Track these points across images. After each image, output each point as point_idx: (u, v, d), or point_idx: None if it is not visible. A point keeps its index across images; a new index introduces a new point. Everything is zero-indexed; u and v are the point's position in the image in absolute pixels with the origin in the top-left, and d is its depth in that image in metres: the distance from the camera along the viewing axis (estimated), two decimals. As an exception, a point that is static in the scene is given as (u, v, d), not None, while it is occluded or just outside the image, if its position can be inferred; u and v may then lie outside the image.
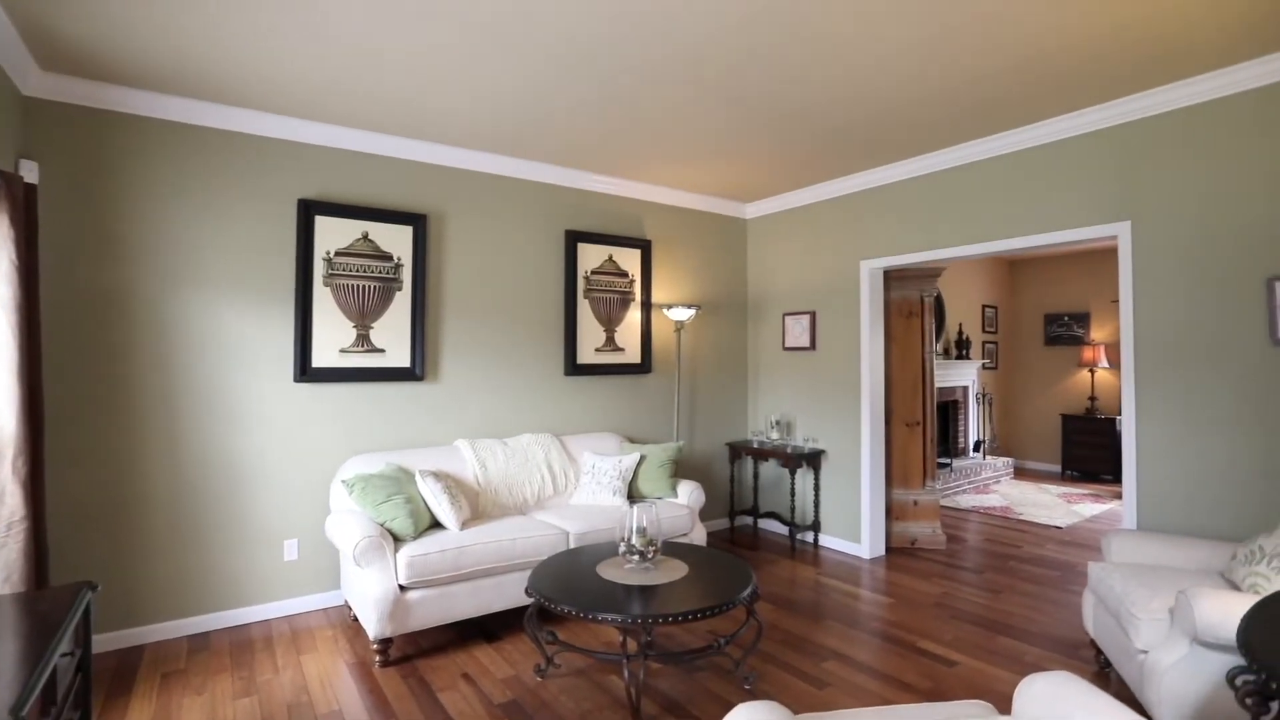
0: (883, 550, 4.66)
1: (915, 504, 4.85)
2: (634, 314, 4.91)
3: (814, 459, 4.85)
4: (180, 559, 3.29)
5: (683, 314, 4.76)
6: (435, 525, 3.40)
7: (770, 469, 5.35)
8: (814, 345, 5.00)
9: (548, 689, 2.75)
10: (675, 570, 2.79)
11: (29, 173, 2.76)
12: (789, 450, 4.79)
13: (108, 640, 3.10)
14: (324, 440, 3.66)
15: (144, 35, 2.61)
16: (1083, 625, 3.33)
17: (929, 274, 4.88)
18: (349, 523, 3.08)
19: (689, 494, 4.11)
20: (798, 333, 5.13)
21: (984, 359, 8.10)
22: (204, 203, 3.35)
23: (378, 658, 2.95)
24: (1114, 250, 7.50)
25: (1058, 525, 5.46)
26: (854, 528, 4.67)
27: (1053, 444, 8.05)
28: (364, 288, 3.79)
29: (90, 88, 3.04)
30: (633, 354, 4.90)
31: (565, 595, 2.54)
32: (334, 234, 3.68)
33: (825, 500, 4.88)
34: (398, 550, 3.04)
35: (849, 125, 3.65)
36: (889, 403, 4.90)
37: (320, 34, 2.61)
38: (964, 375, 7.58)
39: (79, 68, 2.91)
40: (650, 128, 3.69)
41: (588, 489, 4.03)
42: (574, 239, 4.58)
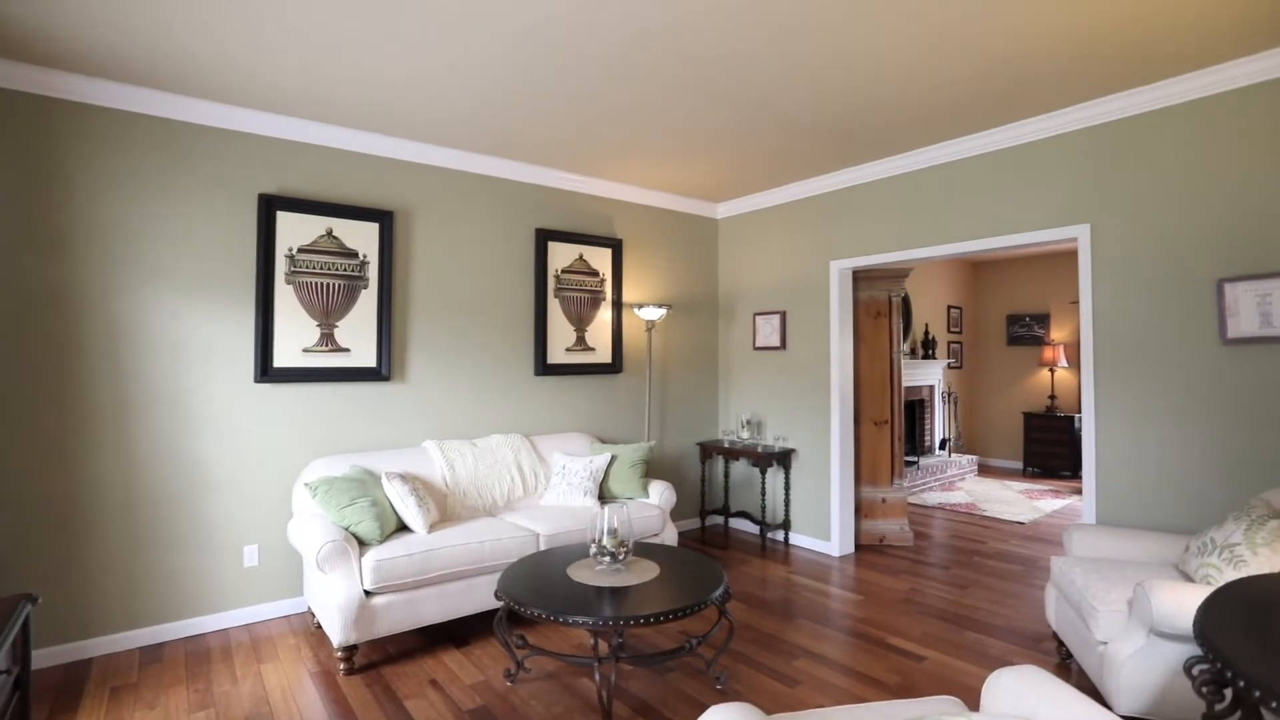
0: (852, 548, 4.71)
1: (884, 502, 4.91)
2: (605, 313, 4.88)
3: (784, 458, 4.88)
4: (132, 567, 3.16)
5: (654, 313, 4.75)
6: (402, 528, 3.33)
7: (741, 468, 5.37)
8: (784, 345, 5.04)
9: (518, 694, 2.71)
10: (647, 571, 2.77)
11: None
12: (760, 449, 4.82)
13: (52, 654, 2.96)
14: (286, 442, 3.56)
15: (93, 21, 2.50)
16: (1045, 618, 3.41)
17: (897, 275, 4.95)
18: (312, 527, 2.99)
19: (660, 494, 4.10)
20: (768, 332, 5.16)
21: (949, 359, 8.26)
22: (159, 196, 3.23)
23: (342, 666, 2.87)
24: (1072, 253, 7.72)
25: (1020, 521, 5.59)
26: (824, 526, 4.71)
27: (1015, 441, 8.25)
28: (328, 285, 3.69)
29: (35, 73, 2.90)
30: (604, 354, 4.88)
31: (535, 598, 2.51)
32: (297, 230, 3.58)
33: (796, 499, 4.92)
34: (363, 554, 2.97)
35: (818, 126, 3.68)
36: (858, 402, 4.96)
37: (281, 24, 2.53)
38: (930, 375, 7.72)
39: (23, 52, 2.77)
40: (620, 125, 3.67)
41: (558, 490, 3.99)
42: (544, 237, 4.54)
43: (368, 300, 3.82)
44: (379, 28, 2.57)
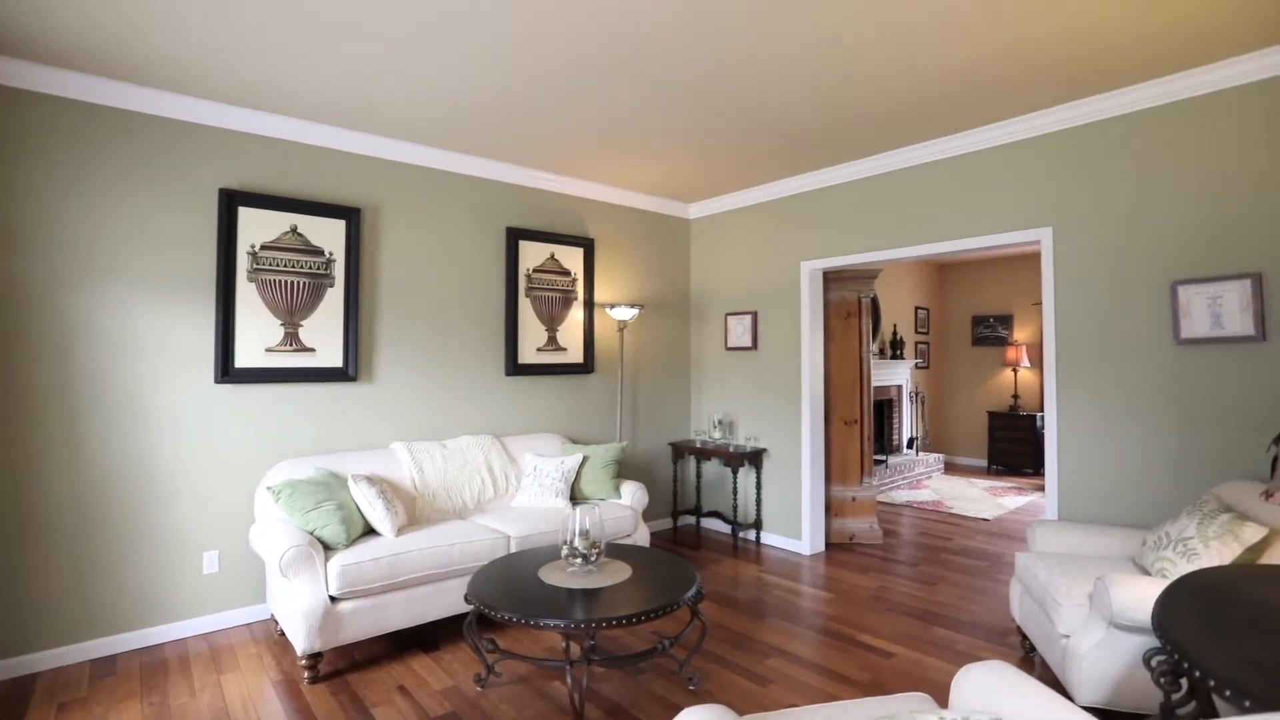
0: (823, 546, 4.76)
1: (854, 500, 4.97)
2: (576, 313, 4.85)
3: (756, 458, 4.90)
4: (83, 576, 3.04)
5: (626, 313, 4.74)
6: (369, 532, 3.26)
7: (713, 468, 5.38)
8: (756, 345, 5.07)
9: (488, 699, 2.67)
10: (619, 572, 2.75)
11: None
12: (731, 449, 4.83)
13: (-2, 667, 2.83)
14: (248, 445, 3.46)
15: (47, 7, 2.39)
16: (1010, 613, 3.49)
17: (866, 276, 5.02)
18: (275, 532, 2.91)
19: (632, 494, 4.09)
20: (740, 332, 5.19)
21: (917, 359, 8.40)
22: (114, 189, 3.11)
23: (306, 674, 2.80)
24: (1034, 256, 7.93)
25: (985, 518, 5.71)
26: (795, 525, 4.75)
27: (980, 440, 8.43)
28: (293, 283, 3.60)
29: (-22, 61, 2.78)
30: (575, 353, 4.85)
31: (506, 601, 2.47)
32: (260, 226, 3.48)
33: (767, 498, 4.95)
34: (328, 559, 2.89)
35: (787, 126, 3.71)
36: (828, 401, 5.01)
37: (244, 15, 2.45)
38: (898, 374, 7.85)
39: (-36, 39, 2.65)
40: (591, 124, 3.65)
41: (530, 491, 3.95)
42: (515, 236, 4.49)
43: (334, 299, 3.74)
44: (346, 22, 2.51)
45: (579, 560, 2.75)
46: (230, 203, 3.37)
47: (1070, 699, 2.37)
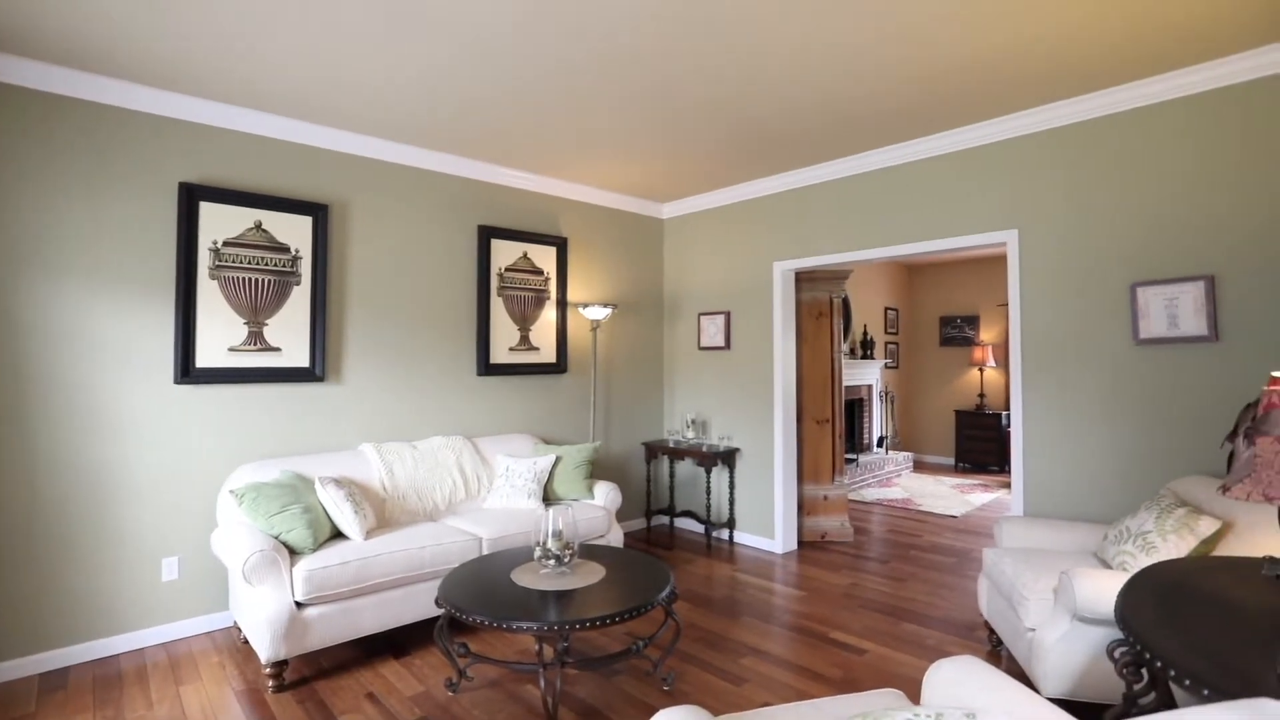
0: (795, 545, 4.80)
1: (825, 499, 5.02)
2: (549, 313, 4.82)
3: (729, 457, 4.92)
4: (32, 586, 2.91)
5: (599, 313, 4.72)
6: (337, 536, 3.18)
7: (686, 468, 5.39)
8: (729, 345, 5.09)
9: (460, 703, 2.63)
10: (592, 573, 2.74)
11: None
12: (705, 449, 4.85)
13: (-59, 682, 2.70)
14: (210, 447, 3.36)
15: (-15, -11, 2.29)
16: (977, 608, 3.55)
17: (838, 276, 5.07)
18: (239, 536, 2.82)
19: (605, 495, 4.07)
20: (713, 332, 5.20)
21: (886, 359, 8.53)
22: (66, 182, 2.99)
23: (271, 682, 2.72)
24: (1000, 258, 8.11)
25: (953, 515, 5.81)
26: (768, 524, 4.77)
27: (947, 438, 8.60)
28: (257, 281, 3.50)
29: (-82, 46, 2.65)
30: (548, 353, 4.81)
31: (478, 604, 2.44)
32: (222, 222, 3.38)
33: (740, 498, 4.97)
34: (294, 564, 2.82)
35: (762, 128, 3.73)
36: (800, 401, 5.05)
37: (208, 4, 2.38)
38: (868, 374, 7.95)
39: (-97, 22, 2.52)
40: (564, 122, 3.62)
41: (502, 492, 3.91)
42: (487, 234, 4.44)
43: (300, 297, 3.65)
44: (316, 15, 2.45)
45: (552, 561, 2.73)
46: (191, 197, 3.27)
47: (1036, 691, 2.43)
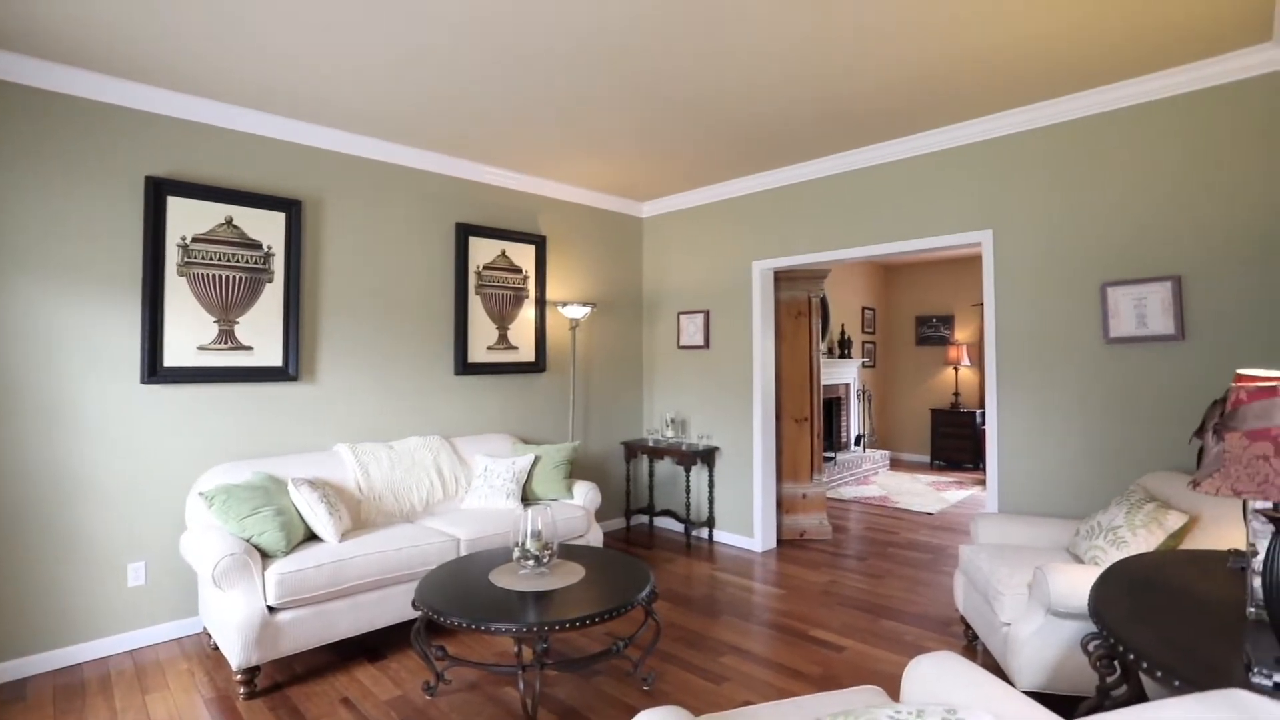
0: (774, 543, 4.82)
1: (804, 497, 5.05)
2: (528, 311, 4.78)
3: (708, 456, 4.93)
4: (-8, 591, 2.81)
5: (578, 312, 4.69)
6: (311, 538, 3.12)
7: (665, 467, 5.39)
8: (708, 344, 5.09)
9: (437, 707, 2.59)
10: (572, 574, 2.72)
11: None
12: (684, 448, 4.85)
13: (-109, 694, 2.59)
14: (178, 448, 3.27)
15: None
16: (953, 603, 3.60)
17: (816, 275, 5.11)
18: (208, 540, 2.75)
19: (585, 494, 4.05)
20: (692, 331, 5.21)
21: (864, 358, 8.61)
22: (25, 175, 2.88)
23: (242, 689, 2.66)
24: (975, 258, 8.23)
25: (929, 512, 5.89)
26: (747, 522, 4.79)
27: (923, 436, 8.71)
28: (228, 278, 3.42)
29: None
30: (527, 352, 4.77)
31: (455, 606, 2.40)
32: (191, 217, 3.30)
33: (719, 496, 4.98)
34: (266, 567, 2.76)
35: (739, 126, 3.73)
36: (779, 400, 5.08)
37: (169, -11, 2.31)
38: (846, 373, 8.03)
39: None
40: (540, 118, 3.59)
41: (480, 493, 3.87)
42: (465, 232, 4.39)
43: (273, 295, 3.57)
44: (288, 1, 2.39)
45: (531, 562, 2.70)
46: (158, 192, 3.18)
47: (1011, 684, 2.46)
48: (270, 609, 2.72)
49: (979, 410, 7.89)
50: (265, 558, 2.83)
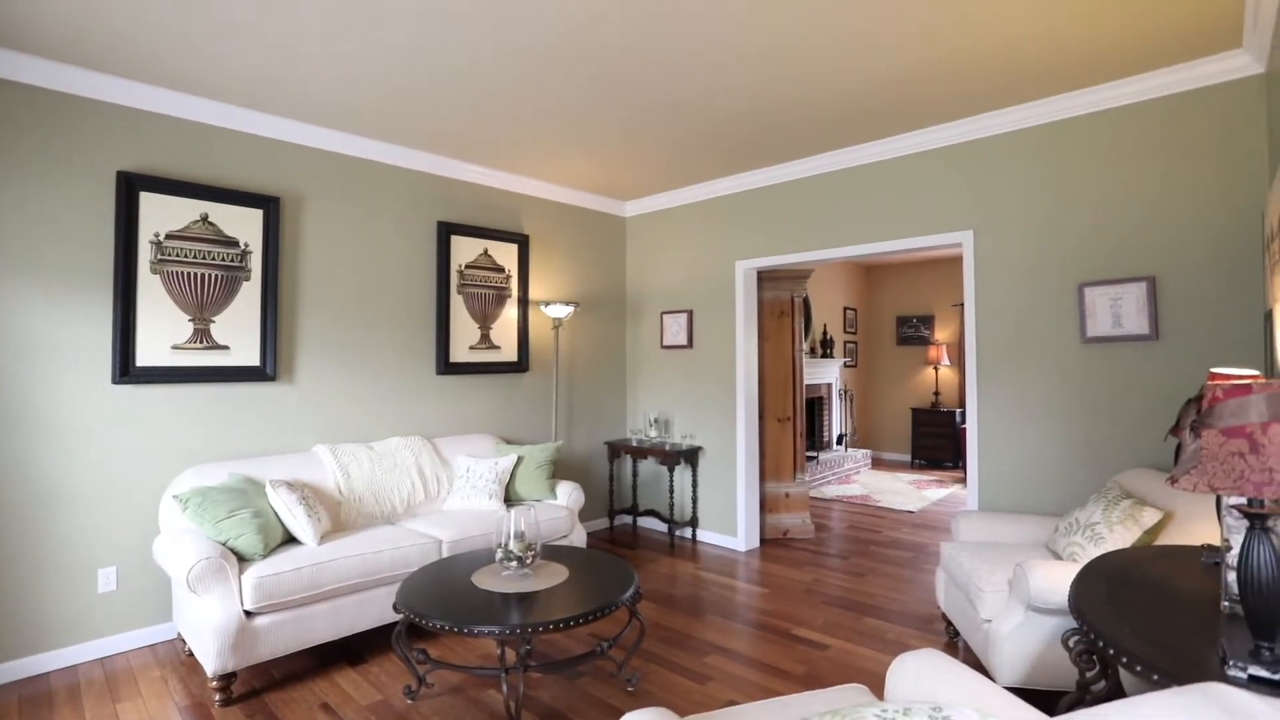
0: (757, 542, 4.83)
1: (787, 496, 5.07)
2: (510, 311, 4.75)
3: (692, 456, 4.93)
4: (-45, 599, 2.73)
5: (561, 311, 4.67)
6: (290, 541, 3.07)
7: (649, 467, 5.38)
8: (691, 343, 5.09)
9: (419, 711, 2.56)
10: (555, 575, 2.70)
11: None
12: (667, 448, 4.84)
13: None
14: (152, 450, 3.20)
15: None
16: (935, 601, 3.63)
17: (799, 275, 5.13)
18: (183, 543, 2.69)
19: (568, 495, 4.03)
20: (675, 331, 5.20)
21: (845, 358, 8.68)
22: (-12, 171, 2.80)
23: (218, 696, 2.60)
24: (954, 259, 8.33)
25: (910, 510, 5.94)
26: (730, 522, 4.80)
27: (904, 436, 8.80)
28: (203, 276, 3.35)
29: None
30: (509, 352, 4.74)
31: (437, 609, 2.37)
32: (165, 214, 3.22)
33: (703, 496, 4.98)
34: (243, 571, 2.70)
35: (725, 127, 3.74)
36: (762, 399, 5.09)
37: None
38: (828, 373, 8.08)
39: None
40: (525, 117, 3.57)
41: (462, 493, 3.83)
42: (447, 231, 4.35)
43: (250, 293, 3.51)
44: (260, -6, 2.35)
45: (514, 563, 2.68)
46: (130, 187, 3.11)
47: (992, 680, 2.49)
48: (247, 613, 2.66)
49: (959, 409, 7.99)
50: (242, 561, 2.78)
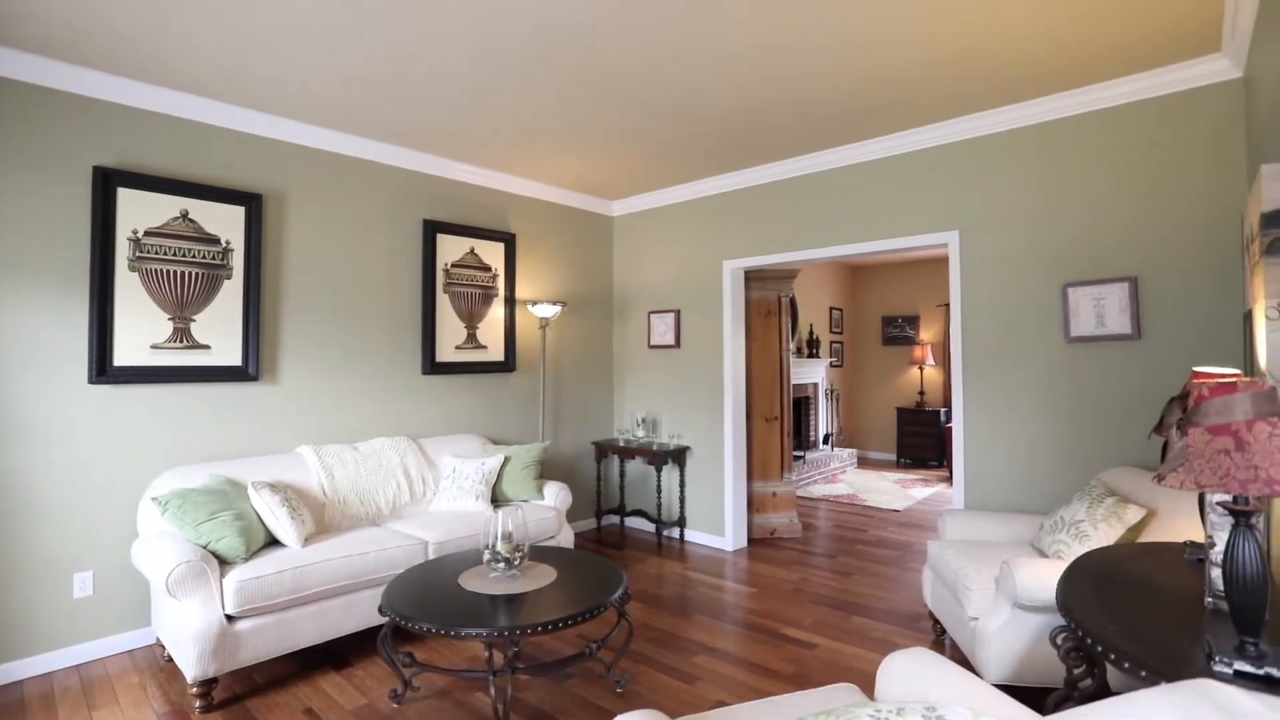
0: (745, 542, 4.83)
1: (774, 495, 5.08)
2: (497, 310, 4.71)
3: (679, 455, 4.92)
4: (-76, 605, 2.65)
5: (548, 311, 4.64)
6: (273, 543, 3.02)
7: (636, 467, 5.37)
8: (679, 343, 5.09)
9: (406, 715, 2.53)
10: (543, 576, 2.67)
11: None
12: (655, 448, 4.83)
13: None
14: (131, 451, 3.13)
15: None
16: (920, 599, 3.65)
17: (786, 275, 5.14)
18: (162, 547, 2.64)
19: (555, 495, 4.00)
20: (663, 331, 5.19)
21: (831, 357, 8.72)
22: (-41, 165, 2.73)
23: (198, 703, 2.55)
24: (939, 260, 8.40)
25: (896, 509, 5.98)
26: (718, 521, 4.79)
27: (889, 435, 8.85)
28: (183, 274, 3.29)
29: None
30: (496, 351, 4.71)
31: (424, 611, 2.34)
32: (144, 210, 3.16)
33: (690, 496, 4.98)
34: (225, 575, 2.65)
35: (713, 126, 3.73)
36: (750, 399, 5.10)
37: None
38: (814, 373, 8.11)
39: None
40: (511, 115, 3.54)
41: (448, 494, 3.79)
42: (433, 229, 4.31)
43: (231, 292, 3.45)
44: (242, -14, 2.31)
45: (501, 565, 2.65)
46: (107, 183, 3.04)
47: (980, 678, 2.50)
48: (228, 618, 2.61)
49: (943, 409, 8.05)
50: (223, 564, 2.73)
